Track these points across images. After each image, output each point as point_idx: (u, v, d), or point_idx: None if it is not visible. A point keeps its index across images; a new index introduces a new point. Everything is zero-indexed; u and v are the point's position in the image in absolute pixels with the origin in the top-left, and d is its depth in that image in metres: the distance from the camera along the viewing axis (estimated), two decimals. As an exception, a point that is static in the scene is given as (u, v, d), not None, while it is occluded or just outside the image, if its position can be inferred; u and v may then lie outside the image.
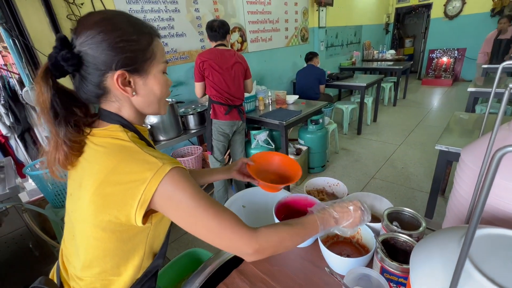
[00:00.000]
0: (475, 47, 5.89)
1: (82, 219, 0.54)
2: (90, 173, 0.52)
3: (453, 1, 5.94)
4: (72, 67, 0.50)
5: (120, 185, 0.49)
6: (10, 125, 2.10)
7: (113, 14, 0.53)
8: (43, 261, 1.57)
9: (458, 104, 4.65)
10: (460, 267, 0.24)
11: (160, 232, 0.61)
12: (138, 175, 0.49)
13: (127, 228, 0.53)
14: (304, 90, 3.31)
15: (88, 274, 0.57)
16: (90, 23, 0.50)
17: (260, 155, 0.94)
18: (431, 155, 2.97)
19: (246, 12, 3.23)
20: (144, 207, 0.50)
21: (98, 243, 0.54)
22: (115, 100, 0.56)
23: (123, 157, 0.51)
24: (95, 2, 2.01)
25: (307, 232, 0.60)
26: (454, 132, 1.66)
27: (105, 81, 0.53)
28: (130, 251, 0.57)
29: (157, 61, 0.57)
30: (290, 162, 0.93)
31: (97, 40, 0.49)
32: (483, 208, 0.20)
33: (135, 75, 0.54)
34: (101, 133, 0.55)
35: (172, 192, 0.50)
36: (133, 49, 0.52)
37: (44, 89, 0.50)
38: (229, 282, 0.70)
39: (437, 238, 0.38)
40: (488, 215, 0.45)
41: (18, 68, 1.76)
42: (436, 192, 1.71)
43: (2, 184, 1.48)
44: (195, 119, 2.26)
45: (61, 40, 0.50)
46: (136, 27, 0.53)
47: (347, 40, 5.43)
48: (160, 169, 0.49)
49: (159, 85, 0.58)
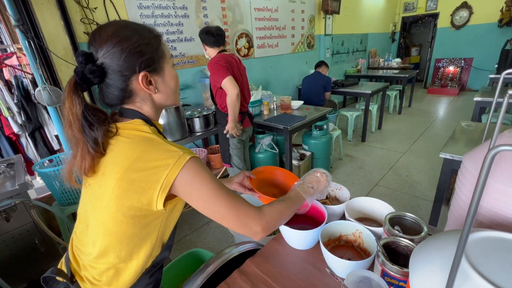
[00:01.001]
0: (482, 57, 5.88)
1: (102, 206, 0.57)
2: (114, 161, 0.56)
3: (460, 11, 5.95)
4: (98, 78, 0.56)
5: (145, 171, 0.54)
6: (21, 124, 2.16)
7: (122, 24, 0.59)
8: (48, 257, 1.59)
9: (464, 114, 4.62)
10: (456, 264, 0.25)
11: (171, 221, 0.66)
12: (162, 161, 0.55)
13: (146, 213, 0.57)
14: (309, 96, 3.33)
15: (103, 261, 0.60)
16: (107, 36, 0.55)
17: (262, 169, 0.97)
18: (436, 163, 2.94)
19: (253, 19, 3.28)
20: (166, 191, 0.55)
21: (116, 228, 0.58)
22: (138, 101, 0.63)
23: (148, 146, 0.57)
24: (108, 7, 2.07)
25: (297, 203, 0.71)
26: (459, 140, 1.65)
27: (130, 85, 0.59)
28: (144, 238, 0.61)
29: (167, 58, 0.64)
30: (291, 176, 0.95)
31: (117, 50, 0.55)
32: (478, 203, 0.22)
33: (154, 74, 0.61)
34: (126, 126, 0.61)
35: (192, 178, 0.56)
36: (149, 51, 0.59)
37: (76, 101, 0.55)
38: (230, 282, 0.71)
39: (436, 240, 0.39)
40: (487, 220, 0.46)
41: (32, 68, 1.82)
42: (440, 200, 1.70)
43: (12, 180, 1.52)
44: (201, 122, 2.29)
45: (86, 55, 0.55)
46: (145, 32, 0.60)
47: (353, 48, 5.46)
48: (181, 157, 0.55)
49: (173, 79, 0.66)
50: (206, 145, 2.95)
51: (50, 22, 1.78)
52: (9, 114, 2.10)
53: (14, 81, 2.11)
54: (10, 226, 1.45)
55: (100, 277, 0.61)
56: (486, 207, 0.45)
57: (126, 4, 2.17)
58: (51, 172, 1.66)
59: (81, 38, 1.97)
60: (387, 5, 6.27)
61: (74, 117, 0.55)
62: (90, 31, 2.01)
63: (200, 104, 2.82)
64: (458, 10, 5.97)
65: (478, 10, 5.72)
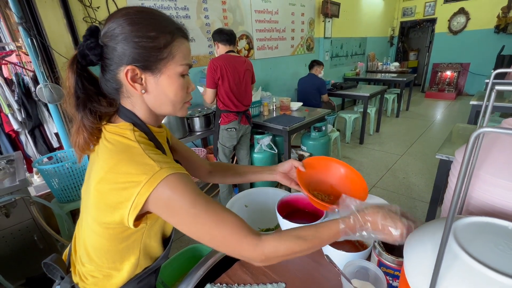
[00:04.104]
0: (479, 62, 5.96)
1: (87, 210, 0.56)
2: (96, 167, 0.53)
3: (457, 16, 6.05)
4: (95, 57, 0.51)
5: (116, 184, 0.48)
6: (21, 121, 2.16)
7: (140, 10, 0.52)
8: (47, 254, 1.59)
9: (461, 117, 4.68)
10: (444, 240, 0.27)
11: (156, 231, 0.61)
12: (134, 177, 0.48)
13: (121, 228, 0.53)
14: (306, 98, 3.35)
15: (89, 263, 0.60)
16: (116, 16, 0.51)
17: (317, 161, 0.80)
18: (433, 166, 2.98)
19: (254, 21, 3.32)
20: (136, 210, 0.48)
21: (96, 236, 0.55)
22: (129, 96, 0.56)
23: (124, 157, 0.50)
24: (111, 6, 2.09)
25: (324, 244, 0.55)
26: (455, 142, 1.68)
27: (118, 74, 0.53)
28: (125, 250, 0.57)
29: (174, 62, 0.54)
30: (356, 178, 0.76)
31: (115, 33, 0.50)
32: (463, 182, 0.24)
33: (147, 73, 0.53)
34: (112, 129, 0.55)
35: (170, 198, 0.48)
36: (148, 46, 0.51)
37: (70, 74, 0.52)
38: (231, 274, 0.73)
39: (428, 227, 0.41)
40: (477, 210, 0.48)
41: (34, 66, 1.83)
42: (436, 201, 1.73)
43: (12, 176, 1.52)
44: (201, 122, 2.31)
45: (91, 30, 0.51)
46: (157, 24, 0.52)
47: (351, 51, 5.52)
48: (157, 174, 0.48)
49: (172, 87, 0.55)
50: (205, 145, 2.96)
51: (53, 20, 1.79)
52: (9, 111, 2.10)
53: (15, 78, 2.12)
54: (10, 222, 1.46)
55: (87, 277, 0.61)
56: (477, 197, 0.48)
57: (128, 3, 2.19)
58: (51, 169, 1.67)
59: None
60: (386, 9, 6.35)
61: (68, 90, 0.53)
62: (92, 30, 2.03)
63: (200, 104, 2.84)
64: (456, 16, 6.06)
65: (475, 16, 5.82)
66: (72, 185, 1.77)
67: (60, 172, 1.70)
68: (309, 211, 0.89)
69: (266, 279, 0.71)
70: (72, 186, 1.77)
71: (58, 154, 1.94)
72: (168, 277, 0.99)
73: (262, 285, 0.69)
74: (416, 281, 0.36)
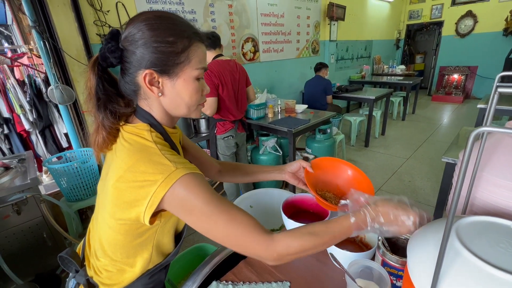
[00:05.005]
0: (487, 65, 5.89)
1: (104, 206, 0.58)
2: (114, 166, 0.55)
3: (465, 19, 5.99)
4: (115, 59, 0.54)
5: (134, 182, 0.50)
6: (32, 121, 2.22)
7: (159, 15, 0.54)
8: (55, 251, 1.63)
9: (468, 121, 4.62)
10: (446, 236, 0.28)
11: (169, 228, 0.63)
12: (151, 176, 0.50)
13: (137, 225, 0.55)
14: (312, 101, 3.36)
15: (103, 258, 0.62)
16: (136, 21, 0.53)
17: (325, 162, 0.80)
18: (439, 170, 2.95)
19: (260, 24, 3.35)
20: (152, 208, 0.50)
21: (111, 232, 0.57)
22: (146, 98, 0.58)
23: (141, 156, 0.52)
24: (120, 10, 2.14)
25: (336, 239, 0.54)
26: (462, 146, 1.67)
27: (137, 77, 0.55)
28: (139, 246, 0.59)
29: (190, 67, 0.56)
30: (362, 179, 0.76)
31: (135, 38, 0.52)
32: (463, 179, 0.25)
33: (164, 76, 0.55)
34: (130, 129, 0.58)
35: (185, 198, 0.50)
36: (166, 50, 0.53)
37: (92, 76, 0.55)
38: (237, 272, 0.74)
39: (431, 226, 0.42)
40: (481, 210, 0.48)
41: (46, 68, 1.89)
42: (442, 205, 1.71)
43: (23, 175, 1.56)
44: (206, 124, 2.34)
45: (112, 33, 0.53)
46: (176, 30, 0.54)
47: (357, 54, 5.51)
48: (173, 174, 0.50)
49: (187, 90, 0.57)
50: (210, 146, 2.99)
51: (64, 24, 1.85)
52: (21, 111, 2.16)
53: (27, 79, 2.18)
54: (21, 220, 1.50)
55: (101, 270, 0.63)
56: (480, 198, 0.48)
57: (138, 8, 2.24)
58: (60, 168, 1.71)
59: (94, 39, 2.04)
60: (392, 12, 6.34)
61: (89, 91, 0.56)
62: (102, 33, 2.08)
63: (205, 106, 2.87)
64: (463, 19, 6.01)
65: (483, 19, 5.76)
66: (80, 184, 1.81)
67: (69, 171, 1.74)
68: (314, 211, 0.90)
69: (271, 278, 0.72)
70: (80, 185, 1.81)
71: (67, 154, 1.98)
72: (173, 275, 1.01)
73: (267, 284, 0.70)
74: (420, 280, 0.37)
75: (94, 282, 0.64)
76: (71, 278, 0.70)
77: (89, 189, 1.86)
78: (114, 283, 0.62)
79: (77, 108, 2.04)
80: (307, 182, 0.73)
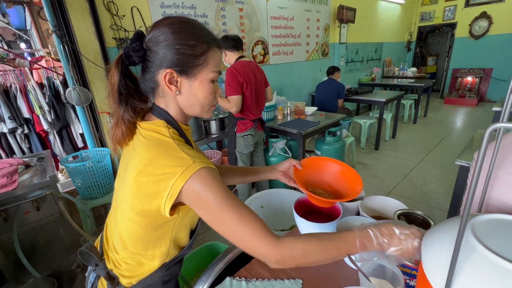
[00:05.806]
0: (503, 67, 5.74)
1: (123, 200, 0.61)
2: (134, 161, 0.58)
3: (479, 21, 5.86)
4: (138, 58, 0.58)
5: (154, 176, 0.54)
6: (51, 121, 2.31)
7: (182, 20, 0.59)
8: (71, 248, 1.69)
9: (483, 124, 4.51)
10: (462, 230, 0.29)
11: (186, 223, 0.66)
12: (170, 169, 0.53)
13: (157, 217, 0.58)
14: (323, 103, 3.36)
15: (123, 251, 0.65)
16: (160, 25, 0.58)
17: (313, 160, 0.84)
18: (452, 173, 2.88)
19: (269, 27, 3.38)
20: (172, 199, 0.53)
21: (132, 224, 0.60)
22: (163, 96, 0.62)
23: (160, 151, 0.56)
24: (135, 15, 2.21)
25: (340, 252, 0.54)
26: (476, 149, 1.64)
27: (157, 76, 0.59)
28: (158, 238, 0.62)
29: (207, 69, 0.60)
30: (349, 173, 0.80)
31: (159, 39, 0.57)
32: (479, 175, 0.26)
33: (182, 76, 0.59)
34: (147, 126, 0.61)
35: (200, 190, 0.53)
36: (187, 53, 0.57)
37: (115, 72, 0.59)
38: (250, 268, 0.76)
39: (446, 223, 0.42)
40: (496, 209, 0.48)
41: (65, 70, 1.96)
42: (456, 209, 1.68)
43: (43, 173, 1.63)
44: (217, 125, 2.37)
45: (137, 34, 0.58)
46: (196, 34, 0.59)
47: (367, 57, 5.47)
48: (190, 167, 0.53)
49: (203, 91, 0.61)
50: (220, 147, 3.03)
51: (83, 28, 1.92)
52: (40, 112, 2.25)
53: (46, 82, 2.28)
54: (40, 215, 1.56)
55: (120, 263, 0.66)
56: (496, 197, 0.48)
57: (152, 12, 2.31)
58: (77, 167, 1.77)
59: (110, 43, 2.11)
60: (403, 14, 6.27)
61: (112, 86, 0.60)
62: (118, 37, 2.16)
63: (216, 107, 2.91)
64: (477, 20, 5.88)
65: (498, 20, 5.63)
66: (95, 183, 1.87)
67: (84, 170, 1.80)
68: (325, 212, 0.91)
69: (283, 275, 0.73)
70: (94, 184, 1.87)
71: (83, 154, 2.05)
72: (186, 272, 1.03)
73: (279, 281, 0.71)
74: (435, 276, 0.38)
75: (114, 274, 0.67)
76: (91, 272, 0.73)
77: (103, 187, 1.92)
78: (133, 275, 0.65)
79: (93, 109, 2.11)
80: (296, 179, 0.77)
